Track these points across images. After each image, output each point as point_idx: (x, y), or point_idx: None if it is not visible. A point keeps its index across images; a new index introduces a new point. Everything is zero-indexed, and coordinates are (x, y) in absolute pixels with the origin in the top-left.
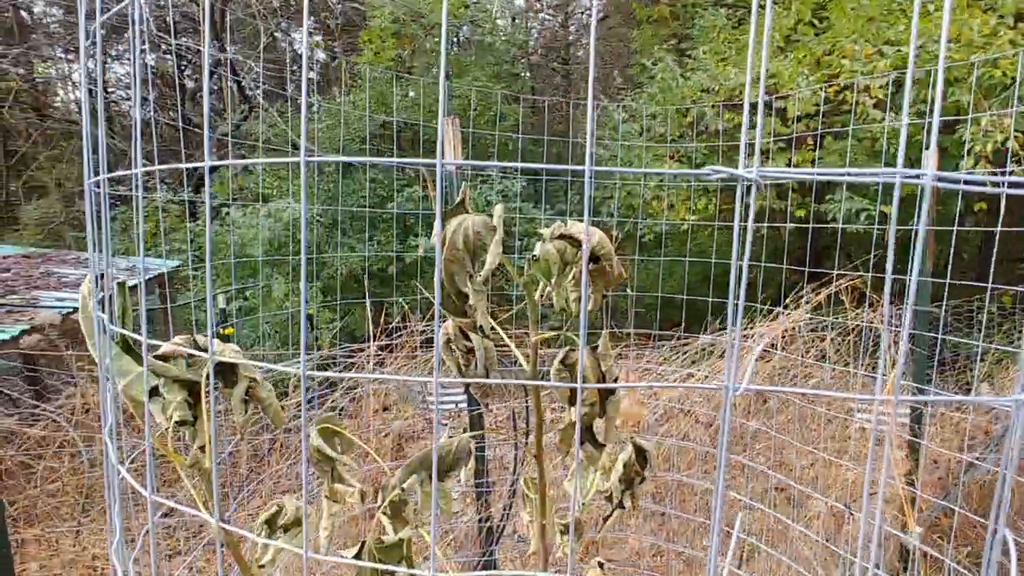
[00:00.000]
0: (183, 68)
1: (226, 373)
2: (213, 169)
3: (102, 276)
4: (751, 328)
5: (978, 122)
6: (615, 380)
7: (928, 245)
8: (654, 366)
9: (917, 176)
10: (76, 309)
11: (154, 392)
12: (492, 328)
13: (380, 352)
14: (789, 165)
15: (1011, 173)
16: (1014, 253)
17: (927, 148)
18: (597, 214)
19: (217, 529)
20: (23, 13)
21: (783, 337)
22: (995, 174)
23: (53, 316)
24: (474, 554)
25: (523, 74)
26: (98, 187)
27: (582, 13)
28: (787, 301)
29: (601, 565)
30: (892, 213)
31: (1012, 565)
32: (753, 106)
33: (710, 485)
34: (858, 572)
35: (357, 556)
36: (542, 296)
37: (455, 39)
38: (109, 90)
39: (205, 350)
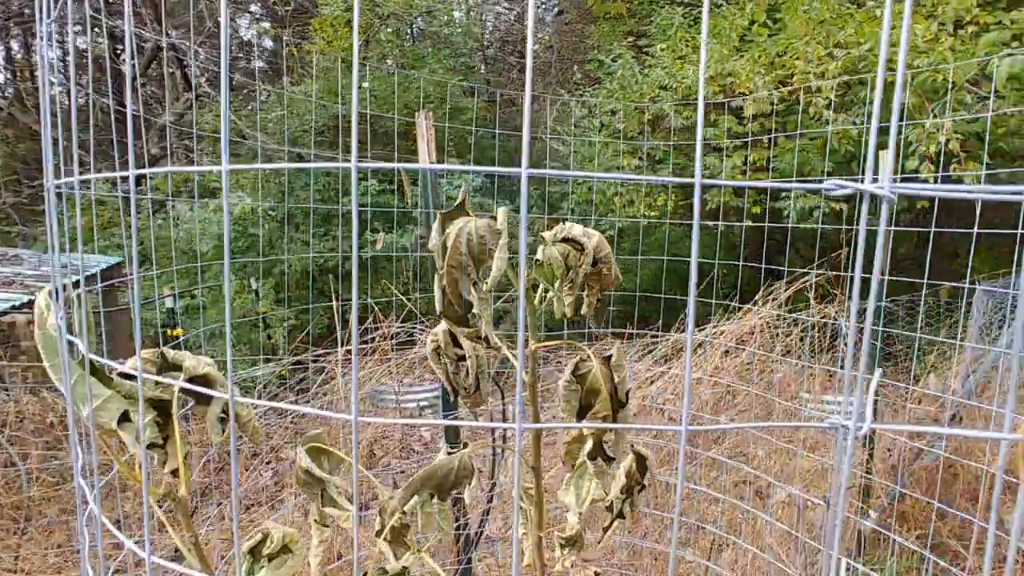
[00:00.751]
0: (118, 52)
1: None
2: (158, 160)
3: (70, 286)
4: (720, 325)
5: (922, 124)
6: (627, 391)
7: (886, 243)
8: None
9: None
10: (6, 312)
11: (124, 418)
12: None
13: (350, 355)
14: (745, 163)
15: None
16: (950, 248)
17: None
18: (557, 210)
19: None
20: None
21: (751, 333)
22: (943, 179)
23: None
24: (450, 562)
25: (478, 67)
26: (66, 188)
27: (539, 7)
28: (756, 297)
29: (597, 575)
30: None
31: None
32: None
33: (684, 482)
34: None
35: None
36: (542, 301)
37: (409, 30)
38: (36, 73)
39: (174, 365)
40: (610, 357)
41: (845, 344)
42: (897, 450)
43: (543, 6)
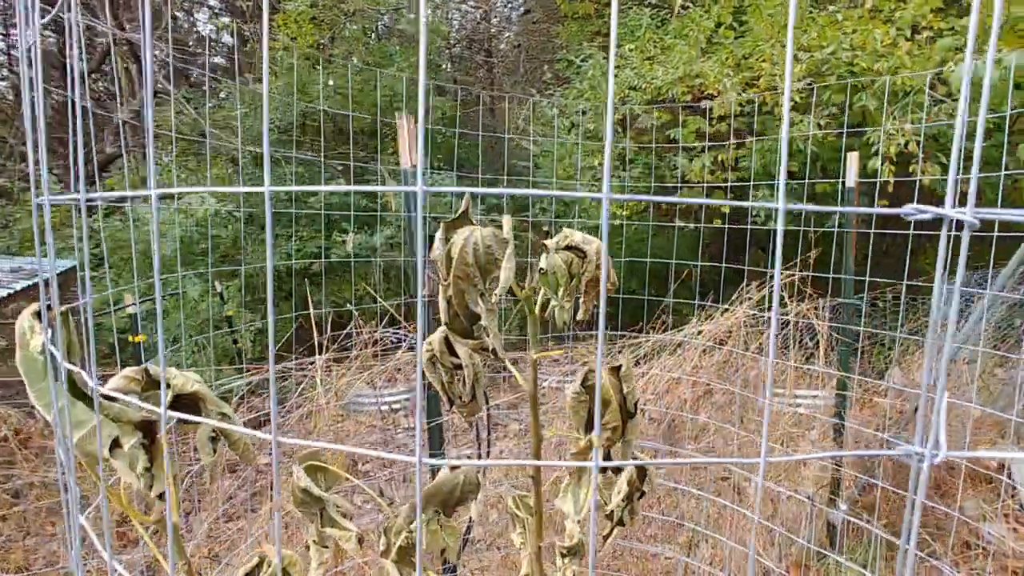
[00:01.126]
0: (67, 46)
1: (188, 407)
2: (114, 159)
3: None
4: (700, 325)
5: (883, 126)
6: (636, 402)
7: (851, 243)
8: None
9: None
10: None
11: (114, 444)
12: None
13: (330, 363)
14: (715, 162)
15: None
16: (900, 249)
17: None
18: (525, 210)
19: None
20: None
21: (730, 333)
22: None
23: None
24: (436, 572)
25: (444, 66)
26: (72, 202)
27: (504, 6)
28: (734, 297)
29: None
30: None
31: None
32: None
33: (662, 480)
34: None
35: None
36: (543, 309)
37: (374, 29)
38: None
39: (159, 382)
40: (619, 367)
41: (816, 343)
42: (864, 441)
43: (509, 5)
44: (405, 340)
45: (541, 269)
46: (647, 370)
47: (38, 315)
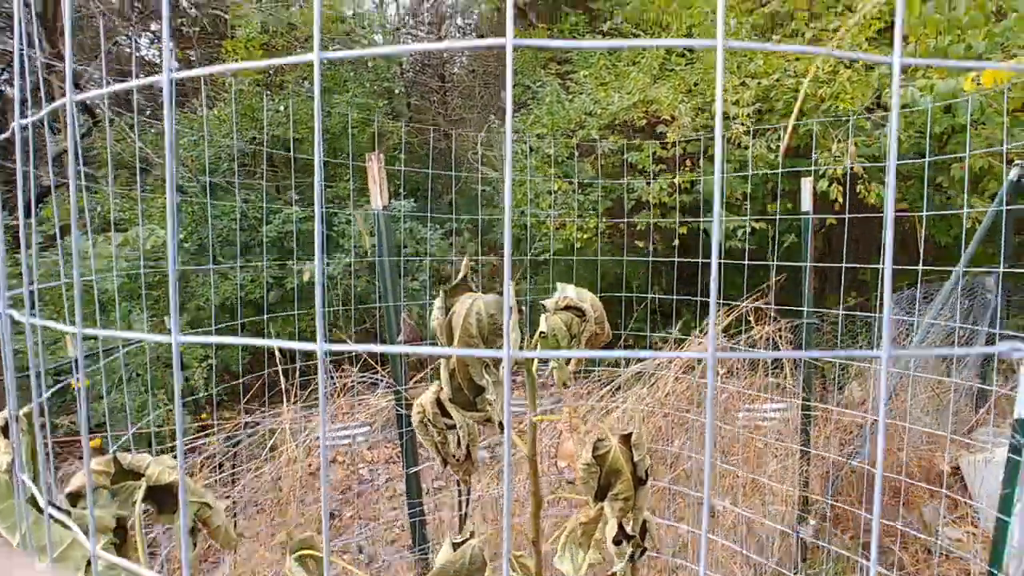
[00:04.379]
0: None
1: (163, 496)
2: (52, 190)
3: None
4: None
5: (828, 149)
6: (647, 471)
7: (809, 270)
8: (578, 399)
9: None
10: None
11: (90, 564)
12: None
13: (299, 410)
14: (670, 185)
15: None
16: (851, 259)
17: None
18: (490, 231)
19: None
20: None
21: (699, 361)
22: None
23: None
24: None
25: (397, 91)
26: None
27: (456, 32)
28: (703, 325)
29: None
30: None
31: None
32: None
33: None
34: None
35: None
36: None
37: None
38: None
39: (132, 472)
40: (629, 435)
41: (780, 363)
42: (830, 458)
43: (461, 30)
44: (381, 383)
45: (542, 332)
46: (623, 402)
47: (3, 429)
